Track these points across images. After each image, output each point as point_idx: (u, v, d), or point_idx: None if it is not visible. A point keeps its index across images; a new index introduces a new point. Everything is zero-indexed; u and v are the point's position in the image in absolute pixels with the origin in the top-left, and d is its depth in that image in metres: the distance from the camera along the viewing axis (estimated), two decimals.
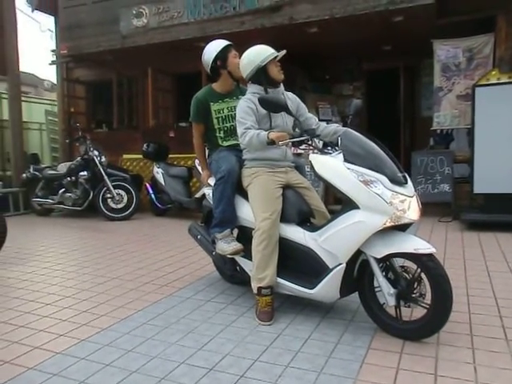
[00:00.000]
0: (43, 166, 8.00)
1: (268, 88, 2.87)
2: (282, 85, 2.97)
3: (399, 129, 8.34)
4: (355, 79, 8.70)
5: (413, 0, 5.57)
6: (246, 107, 2.83)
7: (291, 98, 3.02)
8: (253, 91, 2.91)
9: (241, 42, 3.30)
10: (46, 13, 9.26)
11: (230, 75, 3.22)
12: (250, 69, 2.87)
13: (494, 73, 5.43)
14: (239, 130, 2.83)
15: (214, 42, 3.28)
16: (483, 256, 4.04)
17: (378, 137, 2.61)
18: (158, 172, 6.94)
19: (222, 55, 3.18)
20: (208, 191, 3.25)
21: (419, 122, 8.30)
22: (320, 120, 3.14)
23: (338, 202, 2.66)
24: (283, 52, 2.88)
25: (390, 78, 8.35)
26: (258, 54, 2.85)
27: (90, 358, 2.30)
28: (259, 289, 2.74)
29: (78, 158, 7.19)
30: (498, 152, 5.30)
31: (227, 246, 2.96)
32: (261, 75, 2.86)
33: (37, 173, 7.48)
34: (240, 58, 3.03)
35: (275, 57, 2.84)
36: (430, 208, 5.83)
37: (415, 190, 2.49)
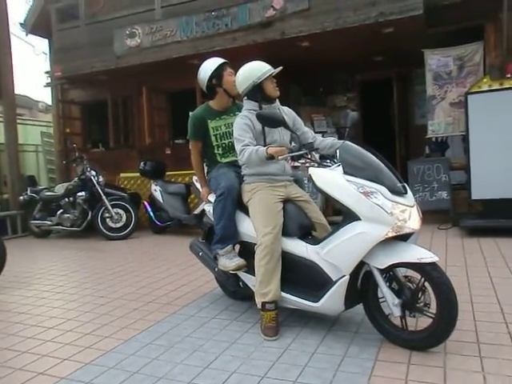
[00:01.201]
0: (40, 187, 7.97)
1: (263, 104, 2.90)
2: (277, 100, 3.00)
3: (394, 138, 8.40)
4: (349, 90, 8.79)
5: (402, 12, 5.65)
6: (242, 124, 2.85)
7: (287, 113, 3.04)
8: (248, 108, 2.94)
9: (234, 58, 3.35)
10: (39, 36, 9.37)
11: (226, 93, 3.25)
12: (246, 85, 2.90)
13: (485, 80, 5.51)
14: (237, 148, 2.85)
15: (209, 60, 3.30)
16: (485, 262, 4.05)
17: (374, 147, 2.63)
18: (156, 190, 6.94)
19: (217, 73, 3.21)
20: (208, 208, 3.25)
21: (414, 131, 8.35)
22: (316, 132, 3.17)
23: (337, 213, 2.67)
24: (279, 68, 2.91)
25: (383, 88, 8.43)
26: (254, 70, 2.88)
27: (95, 382, 2.27)
28: (263, 304, 2.73)
29: (76, 179, 7.19)
30: (493, 157, 5.34)
31: (229, 261, 2.95)
32: (256, 92, 2.89)
33: (34, 195, 7.46)
34: (235, 74, 3.06)
35: (271, 73, 2.87)
36: (428, 216, 5.78)
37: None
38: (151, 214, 7.04)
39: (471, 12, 5.88)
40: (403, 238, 2.42)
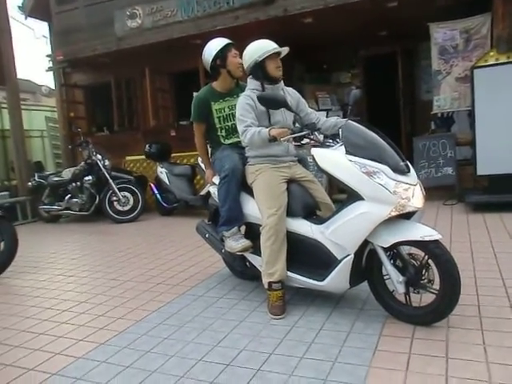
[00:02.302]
0: (48, 173, 8.04)
1: (266, 84, 2.90)
2: (281, 81, 3.00)
3: (399, 114, 8.34)
4: (353, 67, 8.69)
5: None
6: (245, 104, 2.86)
7: (291, 94, 3.04)
8: (251, 87, 2.95)
9: (237, 37, 3.33)
10: (39, 19, 9.30)
11: (230, 74, 3.25)
12: (249, 63, 2.91)
13: (492, 53, 5.40)
14: (240, 128, 2.87)
15: (214, 40, 3.28)
16: (489, 237, 4.07)
17: (379, 123, 2.63)
18: (162, 172, 6.99)
19: (222, 54, 3.20)
20: (213, 190, 3.29)
21: (419, 106, 8.28)
22: (320, 110, 3.19)
23: (342, 191, 2.69)
24: (286, 49, 2.89)
25: (388, 64, 8.33)
26: (258, 48, 2.88)
27: (110, 361, 2.37)
28: (270, 284, 2.79)
29: (82, 163, 7.25)
30: (499, 133, 5.28)
31: (236, 243, 3.01)
32: (258, 70, 2.90)
33: (42, 180, 7.54)
34: (241, 56, 3.06)
35: (275, 53, 2.85)
36: (434, 192, 5.85)
37: (418, 176, 2.52)
38: (158, 196, 7.10)
39: None
40: (407, 216, 2.44)
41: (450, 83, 6.22)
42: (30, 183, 7.69)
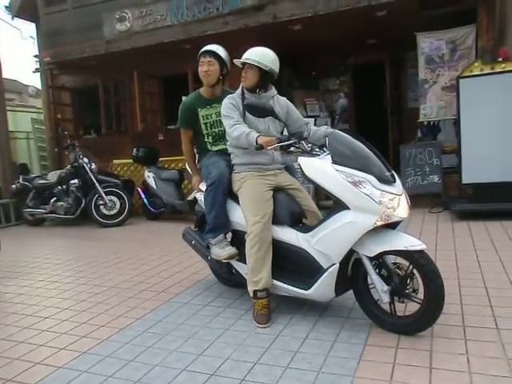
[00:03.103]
0: (33, 175, 7.97)
1: (247, 92, 2.92)
2: (273, 88, 3.01)
3: (387, 122, 8.42)
4: (341, 74, 8.76)
5: None
6: (228, 103, 2.90)
7: (281, 103, 3.04)
8: (238, 92, 2.98)
9: (226, 43, 3.34)
10: (26, 19, 9.19)
11: None
12: None
13: (476, 64, 5.50)
14: (227, 123, 2.86)
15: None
16: (473, 246, 4.12)
17: (366, 131, 2.65)
18: (150, 176, 6.95)
19: (197, 61, 3.25)
20: (200, 196, 3.27)
21: (406, 114, 8.37)
22: (308, 116, 3.21)
23: (329, 198, 2.70)
24: (238, 61, 2.91)
25: (376, 72, 8.41)
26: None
27: (92, 371, 2.33)
28: (255, 292, 2.78)
29: (68, 166, 7.17)
30: (484, 142, 5.37)
31: (221, 251, 3.00)
32: None
33: (27, 183, 7.43)
34: (208, 65, 3.15)
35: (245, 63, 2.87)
36: (420, 199, 5.92)
37: (404, 184, 2.53)
38: (145, 200, 7.06)
39: None
40: (392, 225, 2.46)
41: (436, 92, 6.32)
42: (14, 185, 7.56)
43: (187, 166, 3.58)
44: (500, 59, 5.42)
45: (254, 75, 2.86)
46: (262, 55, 2.84)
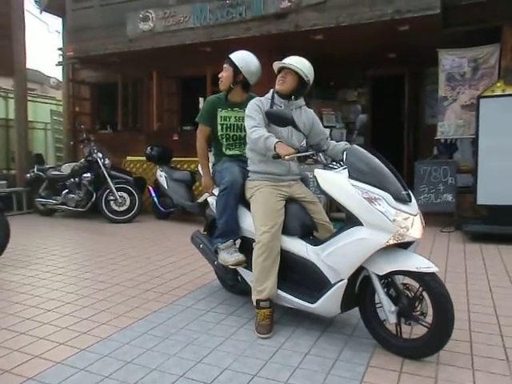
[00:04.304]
0: (47, 166, 8.05)
1: (277, 96, 2.90)
2: (302, 99, 3.00)
3: (403, 136, 8.33)
4: (360, 85, 8.69)
5: (419, 10, 5.56)
6: (254, 105, 2.89)
7: (308, 116, 3.03)
8: (267, 96, 2.97)
9: (247, 48, 3.32)
10: (53, 14, 9.34)
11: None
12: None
13: (499, 84, 5.42)
14: (249, 123, 2.85)
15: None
16: (485, 269, 4.03)
17: (382, 145, 2.61)
18: (162, 175, 6.95)
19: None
20: (212, 200, 3.25)
21: (423, 130, 8.26)
22: (324, 126, 3.18)
23: (341, 210, 2.66)
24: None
25: (395, 85, 8.34)
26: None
27: (89, 369, 2.30)
28: (258, 301, 2.74)
29: (82, 160, 7.23)
30: (502, 163, 5.28)
31: (229, 256, 2.96)
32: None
33: (41, 173, 7.52)
34: (223, 71, 3.20)
35: (284, 67, 2.85)
36: (432, 218, 5.81)
37: (418, 201, 2.48)
38: (155, 199, 7.07)
39: (489, 13, 5.77)
40: (404, 245, 2.41)
41: (456, 110, 6.24)
42: (28, 175, 7.66)
43: (199, 168, 3.57)
44: None
45: (293, 81, 2.86)
46: (303, 64, 2.86)
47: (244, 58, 3.21)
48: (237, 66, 3.18)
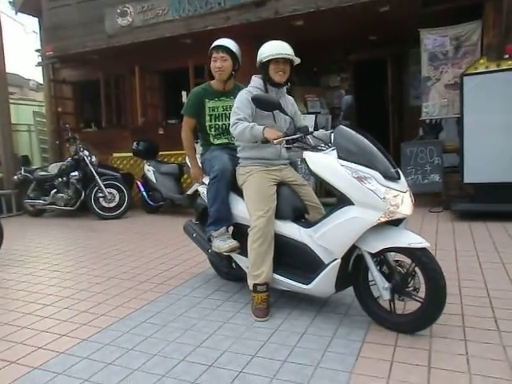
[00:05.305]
0: (34, 167, 7.99)
1: (269, 85, 2.89)
2: (285, 88, 3.00)
3: (388, 119, 8.39)
4: (342, 70, 8.71)
5: None
6: (244, 98, 2.86)
7: (291, 102, 3.08)
8: (255, 85, 2.94)
9: (228, 37, 3.31)
10: (29, 14, 9.18)
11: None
12: (257, 61, 2.90)
13: (482, 61, 5.41)
14: (232, 119, 2.86)
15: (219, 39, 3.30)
16: (474, 246, 4.10)
17: (367, 128, 2.63)
18: (149, 170, 6.95)
19: (209, 55, 3.24)
20: (202, 190, 3.27)
21: (408, 112, 8.32)
22: (309, 113, 3.22)
23: (329, 195, 2.70)
24: (296, 60, 2.89)
25: (378, 68, 8.37)
26: (266, 49, 2.86)
27: (93, 357, 2.34)
28: (255, 285, 2.77)
29: (69, 159, 7.19)
30: (487, 141, 5.30)
31: (223, 243, 2.99)
32: (262, 70, 2.90)
33: (28, 174, 7.47)
34: (221, 61, 3.14)
35: (281, 58, 2.82)
36: (420, 198, 5.85)
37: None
38: (144, 193, 7.06)
39: None
40: (395, 223, 2.45)
41: (440, 90, 6.27)
42: (15, 177, 7.60)
43: (187, 160, 3.57)
44: (506, 56, 5.31)
45: (288, 70, 2.89)
46: (290, 49, 2.86)
47: (236, 46, 3.22)
48: (235, 55, 3.19)
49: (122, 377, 2.14)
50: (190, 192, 4.76)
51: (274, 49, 2.83)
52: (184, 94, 7.99)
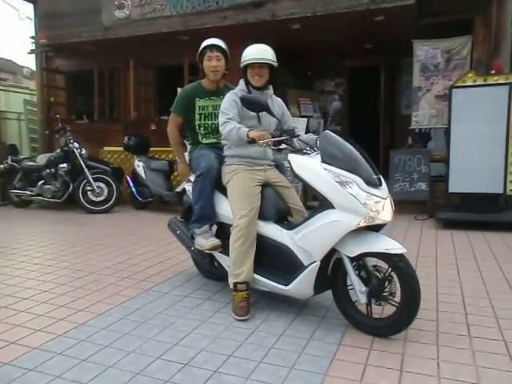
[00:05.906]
0: (22, 157, 7.87)
1: (251, 87, 2.93)
2: (271, 88, 3.04)
3: (379, 126, 8.46)
4: (337, 76, 8.79)
5: (394, 0, 5.65)
6: (231, 100, 2.91)
7: (279, 103, 3.10)
8: (240, 87, 2.99)
9: (224, 37, 3.34)
10: (25, 0, 9.07)
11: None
12: (241, 63, 2.93)
13: (470, 75, 5.55)
14: (221, 120, 2.89)
15: (209, 39, 3.30)
16: (454, 254, 4.17)
17: (359, 134, 2.66)
18: (139, 165, 6.92)
19: (200, 55, 3.25)
20: (188, 187, 3.29)
21: (399, 120, 8.41)
22: (301, 116, 3.24)
23: (316, 199, 2.73)
24: (275, 64, 2.90)
25: (371, 76, 8.44)
26: (247, 53, 2.91)
27: (67, 353, 2.33)
28: (235, 284, 2.80)
29: (58, 150, 7.13)
30: (472, 152, 5.43)
31: (205, 241, 3.00)
32: (243, 74, 2.95)
33: (15, 164, 7.36)
34: (216, 60, 3.15)
35: (258, 62, 2.85)
36: (406, 206, 5.98)
37: (393, 189, 2.56)
38: (133, 189, 7.03)
39: (462, 4, 5.89)
40: (375, 228, 2.49)
41: (429, 100, 6.38)
42: (2, 166, 7.49)
43: (177, 158, 3.59)
44: (493, 71, 5.48)
45: (266, 73, 2.93)
46: (270, 53, 2.89)
47: (226, 46, 3.24)
48: (228, 55, 3.21)
49: (95, 374, 2.13)
50: (178, 189, 4.77)
51: (251, 53, 2.89)
52: (179, 90, 7.96)
